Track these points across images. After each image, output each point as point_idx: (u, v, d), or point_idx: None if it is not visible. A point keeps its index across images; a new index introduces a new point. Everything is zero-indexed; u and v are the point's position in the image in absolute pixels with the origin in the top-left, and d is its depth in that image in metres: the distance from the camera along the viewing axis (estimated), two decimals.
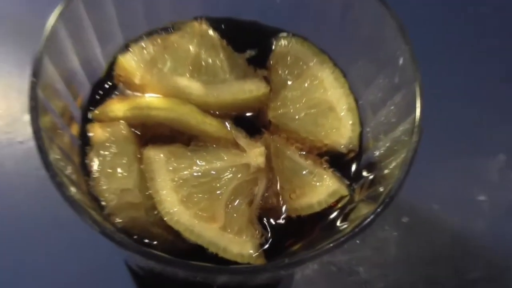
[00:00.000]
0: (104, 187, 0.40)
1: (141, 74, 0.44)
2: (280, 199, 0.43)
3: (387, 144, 0.41)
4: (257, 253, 0.39)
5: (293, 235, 0.42)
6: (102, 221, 0.35)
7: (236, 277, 0.34)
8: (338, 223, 0.41)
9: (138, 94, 0.44)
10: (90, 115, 0.44)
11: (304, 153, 0.45)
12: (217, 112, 0.44)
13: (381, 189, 0.37)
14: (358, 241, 0.56)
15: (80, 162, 0.41)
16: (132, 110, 0.42)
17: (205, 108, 0.43)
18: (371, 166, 0.43)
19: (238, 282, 0.37)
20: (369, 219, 0.34)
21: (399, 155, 0.37)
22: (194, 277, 0.36)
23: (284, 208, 0.43)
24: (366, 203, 0.39)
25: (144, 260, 0.33)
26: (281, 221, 0.42)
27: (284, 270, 0.39)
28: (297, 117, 0.45)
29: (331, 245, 0.34)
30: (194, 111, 0.42)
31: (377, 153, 0.42)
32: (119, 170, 0.40)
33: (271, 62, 0.47)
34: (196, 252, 0.38)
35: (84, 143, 0.42)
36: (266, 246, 0.41)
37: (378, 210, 0.35)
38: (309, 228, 0.42)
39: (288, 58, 0.46)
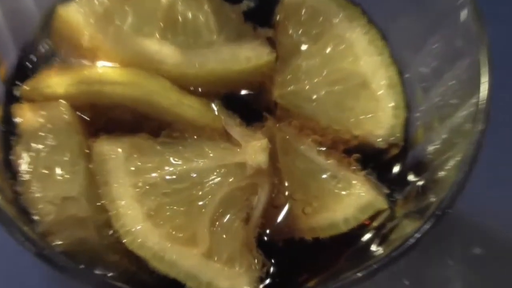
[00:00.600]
0: (38, 195, 0.42)
1: (91, 34, 0.46)
2: (290, 214, 0.46)
3: (444, 136, 0.43)
4: None
5: (308, 266, 0.45)
6: (37, 239, 0.38)
7: None
8: (372, 249, 0.43)
9: (86, 62, 0.47)
10: (17, 92, 0.46)
11: (324, 149, 0.47)
12: (200, 89, 0.47)
13: (433, 199, 0.40)
14: (407, 283, 0.58)
15: (3, 158, 0.44)
16: (77, 85, 0.45)
17: (183, 83, 0.46)
18: (421, 167, 0.45)
19: None
20: (412, 239, 0.37)
21: (459, 151, 0.40)
22: None
23: (295, 227, 0.46)
24: (412, 219, 0.41)
25: None
26: (290, 246, 0.45)
27: None
28: (314, 96, 0.47)
29: (359, 274, 0.36)
30: (167, 88, 0.45)
31: (429, 148, 0.45)
32: (58, 170, 0.43)
33: (278, 18, 0.49)
34: None
35: (9, 132, 0.45)
36: (268, 281, 0.44)
37: (426, 226, 0.37)
38: (331, 257, 0.45)
39: (303, 12, 0.49)
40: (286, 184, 0.46)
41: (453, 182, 0.39)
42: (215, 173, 0.44)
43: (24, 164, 0.43)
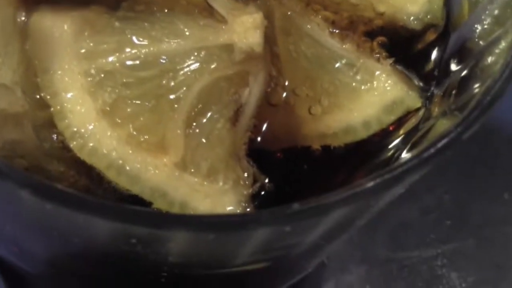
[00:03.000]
0: None
1: None
2: (292, 115, 0.42)
3: (495, 12, 0.40)
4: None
5: (314, 183, 0.42)
6: None
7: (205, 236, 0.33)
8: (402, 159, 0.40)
9: None
10: None
11: (338, 31, 0.44)
12: None
13: (477, 90, 0.37)
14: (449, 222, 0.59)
15: None
16: None
17: None
18: (464, 53, 0.42)
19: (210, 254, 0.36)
20: (451, 135, 0.33)
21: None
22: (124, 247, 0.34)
23: (298, 132, 0.42)
24: (452, 118, 0.38)
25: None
26: (291, 155, 0.42)
27: (294, 227, 0.35)
28: None
29: (379, 179, 0.31)
30: None
31: (476, 29, 0.42)
32: None
33: None
34: None
35: None
36: (260, 200, 0.40)
37: (470, 119, 0.33)
38: (345, 172, 0.42)
39: None
40: (287, 74, 0.43)
41: (503, 65, 0.35)
42: (192, 57, 0.40)
43: None
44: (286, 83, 0.43)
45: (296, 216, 0.31)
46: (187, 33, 0.41)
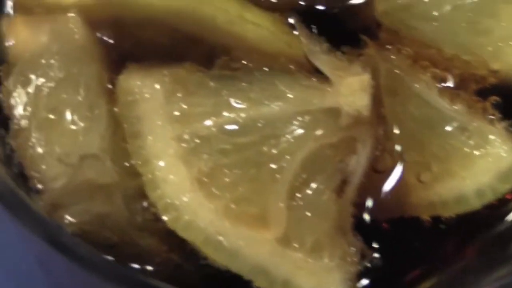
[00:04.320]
0: (40, 151, 0.38)
1: None
2: (400, 182, 0.41)
3: None
4: None
5: (423, 258, 0.41)
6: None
7: None
8: None
9: None
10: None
11: (447, 85, 0.43)
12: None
13: None
14: None
15: None
16: None
17: None
18: None
19: None
20: None
21: None
22: None
23: (406, 201, 0.41)
24: None
25: None
26: (399, 228, 0.41)
27: None
28: (436, 13, 0.42)
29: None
30: None
31: None
32: (69, 115, 0.39)
33: None
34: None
35: None
36: (366, 281, 0.39)
37: None
38: (458, 246, 0.41)
39: None
40: (395, 138, 0.42)
41: None
42: (295, 123, 0.40)
43: (18, 105, 0.40)
44: (394, 148, 0.42)
45: None
46: (289, 96, 0.40)
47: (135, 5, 0.40)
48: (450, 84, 0.43)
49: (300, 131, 0.39)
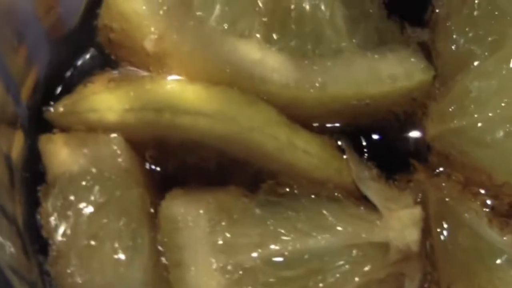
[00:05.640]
0: (79, 281, 0.37)
1: (159, 31, 0.40)
2: None
3: None
4: None
5: None
6: None
7: None
8: None
9: (150, 73, 0.42)
10: (47, 115, 0.41)
11: (497, 212, 0.41)
12: (316, 123, 0.42)
13: None
14: None
15: (24, 220, 0.39)
16: (137, 111, 0.40)
17: (295, 113, 0.40)
18: None
19: None
20: None
21: None
22: None
23: None
24: None
25: None
26: None
27: None
28: (488, 138, 0.41)
29: None
30: (273, 122, 0.40)
31: None
32: (110, 243, 0.38)
33: (438, 12, 0.43)
34: None
35: (34, 177, 0.40)
36: None
37: None
38: None
39: (475, 5, 0.42)
40: (442, 269, 0.40)
41: None
42: (343, 257, 0.39)
43: (57, 229, 0.39)
44: (442, 282, 0.40)
45: None
46: (337, 228, 0.39)
47: (181, 127, 0.39)
48: (498, 212, 0.41)
49: (347, 266, 0.39)
